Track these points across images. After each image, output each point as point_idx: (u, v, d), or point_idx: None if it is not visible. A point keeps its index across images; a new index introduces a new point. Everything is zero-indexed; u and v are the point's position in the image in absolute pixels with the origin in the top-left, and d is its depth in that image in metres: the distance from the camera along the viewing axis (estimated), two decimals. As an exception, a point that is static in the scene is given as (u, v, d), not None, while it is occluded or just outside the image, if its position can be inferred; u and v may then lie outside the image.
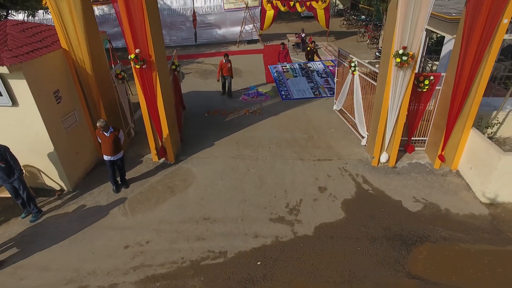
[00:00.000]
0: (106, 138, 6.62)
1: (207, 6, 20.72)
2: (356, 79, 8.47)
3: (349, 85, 8.96)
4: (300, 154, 8.34)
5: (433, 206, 6.51)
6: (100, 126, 6.52)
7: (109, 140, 6.63)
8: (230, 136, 9.26)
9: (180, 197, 7.02)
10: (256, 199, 6.88)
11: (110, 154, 6.76)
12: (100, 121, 6.52)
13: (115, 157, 6.87)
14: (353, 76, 8.59)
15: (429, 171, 7.47)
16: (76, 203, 6.90)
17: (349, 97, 9.30)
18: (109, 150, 6.72)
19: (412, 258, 5.50)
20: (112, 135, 6.64)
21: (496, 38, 5.88)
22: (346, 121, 9.68)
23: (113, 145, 6.68)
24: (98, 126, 6.52)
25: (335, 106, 10.33)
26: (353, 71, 8.45)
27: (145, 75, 6.87)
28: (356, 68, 8.37)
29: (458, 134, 6.96)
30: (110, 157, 6.81)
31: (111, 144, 6.65)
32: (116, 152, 6.81)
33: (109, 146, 6.66)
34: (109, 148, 6.68)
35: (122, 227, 6.28)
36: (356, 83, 8.46)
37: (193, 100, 11.86)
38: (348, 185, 7.17)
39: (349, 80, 8.88)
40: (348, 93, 9.23)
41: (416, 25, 5.85)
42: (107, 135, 6.61)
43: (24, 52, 6.02)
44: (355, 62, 8.39)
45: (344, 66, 9.34)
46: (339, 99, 9.95)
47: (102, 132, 6.61)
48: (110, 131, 6.63)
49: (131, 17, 6.20)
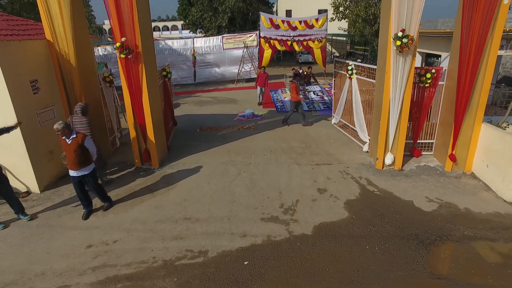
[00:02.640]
0: (67, 146, 5.14)
1: (207, 46, 21.42)
2: (354, 83, 8.11)
3: (347, 91, 8.57)
4: (297, 159, 7.63)
5: (449, 206, 5.64)
6: (57, 130, 5.01)
7: (70, 149, 5.14)
8: (221, 146, 8.63)
9: (160, 198, 6.18)
10: (246, 200, 6.03)
11: (73, 168, 5.24)
12: (58, 123, 5.05)
13: (79, 173, 5.30)
14: (350, 80, 8.25)
15: (440, 173, 6.70)
16: (42, 205, 6.02)
17: (347, 105, 8.86)
18: (70, 162, 5.21)
19: (433, 258, 4.54)
20: (74, 142, 5.13)
21: (498, 20, 5.58)
22: (345, 133, 9.11)
23: (75, 156, 5.15)
24: (55, 129, 5.02)
25: (334, 120, 9.86)
26: (351, 75, 8.13)
27: (130, 67, 6.48)
28: (353, 71, 8.06)
29: (468, 130, 6.35)
30: (74, 172, 5.28)
31: (72, 154, 5.15)
32: (80, 165, 5.24)
33: (70, 156, 5.17)
34: (70, 159, 5.18)
35: (88, 227, 5.36)
36: (355, 87, 8.08)
37: (186, 120, 11.45)
38: (351, 187, 6.36)
39: (347, 86, 8.53)
40: (346, 101, 8.82)
41: (413, 6, 5.60)
42: (68, 141, 5.13)
43: (1, 34, 5.70)
44: (352, 65, 8.11)
45: (341, 75, 9.06)
46: (337, 111, 9.51)
47: (64, 138, 5.12)
48: (72, 136, 5.15)
49: (118, 3, 6.01)
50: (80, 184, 5.45)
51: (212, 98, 16.27)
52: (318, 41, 20.02)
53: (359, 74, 8.02)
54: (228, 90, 18.47)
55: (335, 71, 9.58)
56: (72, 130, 5.26)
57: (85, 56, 7.00)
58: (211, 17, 26.63)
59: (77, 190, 5.49)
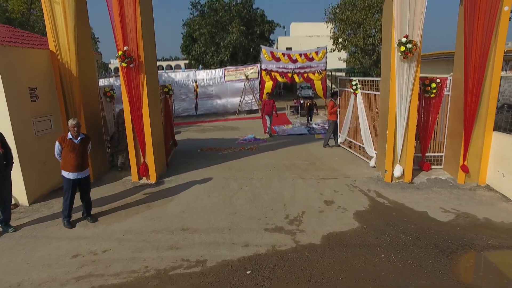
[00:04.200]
0: (75, 146, 5.06)
1: (209, 78, 21.83)
2: (359, 98, 8.04)
3: (352, 108, 8.47)
4: (301, 175, 7.31)
5: (467, 216, 5.23)
6: (75, 125, 5.01)
7: (78, 149, 5.07)
8: (222, 164, 8.35)
9: (156, 210, 5.78)
10: (249, 212, 5.63)
11: (76, 170, 5.07)
12: (74, 119, 5.15)
13: (82, 174, 5.19)
14: (355, 96, 8.19)
15: (453, 186, 6.34)
16: (29, 217, 5.61)
17: (353, 123, 8.71)
18: (75, 164, 5.04)
19: (458, 267, 4.09)
20: (84, 141, 5.18)
21: (500, 26, 5.60)
22: (352, 151, 8.86)
23: (82, 156, 5.12)
24: (70, 124, 5.01)
25: (340, 139, 9.64)
26: (355, 90, 8.09)
27: (132, 76, 6.42)
28: (357, 86, 8.03)
29: (479, 139, 6.12)
30: (75, 174, 5.10)
31: (79, 154, 5.09)
32: (84, 167, 5.20)
33: (76, 157, 5.05)
34: (76, 160, 5.04)
35: (77, 237, 4.92)
36: (360, 102, 8.00)
37: (186, 143, 11.29)
38: (360, 199, 5.98)
39: (352, 102, 8.45)
40: (352, 118, 8.68)
41: (415, 12, 5.64)
42: (77, 142, 5.07)
43: (4, 40, 5.70)
44: (356, 81, 8.08)
45: (346, 94, 9.02)
46: (343, 130, 9.36)
47: (71, 138, 5.03)
48: (80, 137, 5.13)
49: (123, 12, 6.08)
50: (75, 188, 5.23)
51: (214, 126, 16.26)
52: (318, 73, 20.33)
53: (363, 88, 7.97)
54: (230, 120, 18.48)
55: (340, 90, 9.57)
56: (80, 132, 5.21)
57: (87, 68, 6.97)
58: (213, 52, 27.57)
59: (71, 195, 5.20)
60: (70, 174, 5.11)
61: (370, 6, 18.02)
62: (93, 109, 7.27)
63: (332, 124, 9.60)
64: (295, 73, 20.45)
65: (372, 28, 18.06)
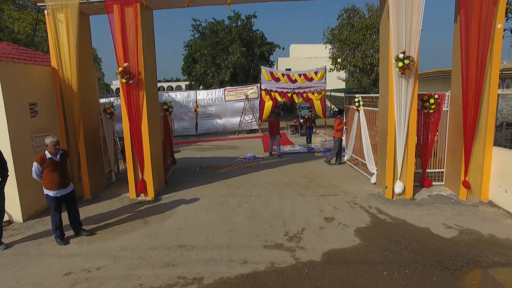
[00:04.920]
0: (57, 164, 4.92)
1: (209, 98, 22.02)
2: (361, 115, 8.10)
3: (356, 124, 8.51)
4: (301, 192, 7.22)
5: (471, 232, 5.11)
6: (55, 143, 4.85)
7: (60, 166, 4.97)
8: (221, 181, 8.26)
9: (153, 227, 5.66)
10: (247, 228, 5.51)
11: (61, 187, 4.98)
12: (53, 136, 4.89)
13: (67, 190, 5.11)
14: (358, 112, 8.26)
15: (455, 202, 6.24)
16: (22, 234, 5.50)
17: (357, 139, 8.71)
18: (59, 181, 4.94)
19: (464, 284, 3.94)
20: (62, 159, 5.03)
21: (495, 43, 5.70)
22: (357, 168, 8.82)
23: (64, 173, 5.05)
24: (52, 142, 4.83)
25: (346, 156, 9.62)
26: (358, 107, 8.18)
27: (131, 92, 6.47)
28: (360, 103, 8.11)
29: (479, 154, 6.07)
30: (62, 191, 5.02)
31: (62, 171, 5.00)
32: (68, 182, 5.13)
33: (60, 174, 4.95)
34: (60, 177, 4.94)
35: (71, 255, 4.79)
36: (362, 118, 8.05)
37: (186, 162, 11.24)
38: (361, 216, 5.86)
39: (356, 119, 8.51)
40: (356, 135, 8.70)
41: (411, 29, 5.75)
42: (57, 159, 4.94)
43: (8, 57, 5.79)
44: (359, 98, 8.17)
45: (352, 111, 9.10)
46: (349, 147, 9.36)
47: (50, 157, 4.86)
48: (60, 153, 5.00)
49: (124, 29, 6.21)
50: (61, 205, 5.11)
51: (213, 145, 16.23)
52: (317, 93, 20.53)
53: (366, 105, 8.03)
54: (230, 139, 18.48)
55: (346, 107, 9.65)
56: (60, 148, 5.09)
57: (87, 84, 7.05)
58: (214, 73, 27.98)
59: (60, 213, 5.08)
60: (57, 192, 5.01)
61: (368, 27, 18.46)
62: (93, 125, 7.29)
63: (338, 141, 9.56)
64: (294, 93, 20.64)
65: (370, 48, 18.43)
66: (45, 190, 4.98)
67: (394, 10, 5.75)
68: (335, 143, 9.64)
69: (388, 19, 5.89)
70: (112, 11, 6.13)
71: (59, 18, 6.33)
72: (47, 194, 5.00)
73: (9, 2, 17.85)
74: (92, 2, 6.32)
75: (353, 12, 20.12)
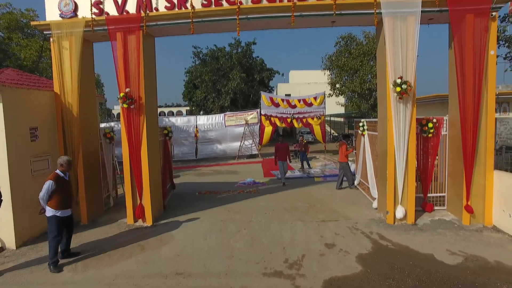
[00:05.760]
0: (68, 183, 5.19)
1: (209, 123, 22.17)
2: (366, 139, 8.17)
3: (363, 148, 8.55)
4: (301, 217, 7.10)
5: (477, 259, 4.97)
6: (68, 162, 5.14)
7: (68, 186, 5.21)
8: (220, 206, 8.15)
9: (150, 253, 5.52)
10: (247, 255, 5.37)
11: (67, 207, 5.12)
12: (66, 156, 5.27)
13: (70, 211, 5.25)
14: (363, 137, 8.34)
15: (458, 227, 6.12)
16: (14, 261, 5.34)
17: (364, 164, 8.71)
18: (70, 200, 5.18)
19: (470, 314, 3.78)
20: (69, 178, 5.31)
21: (489, 69, 5.83)
22: (364, 192, 8.79)
23: (70, 193, 5.29)
24: (66, 161, 5.12)
25: (356, 181, 9.58)
26: (363, 132, 8.28)
27: (132, 117, 6.53)
28: (364, 128, 8.19)
29: (480, 178, 6.04)
30: (67, 211, 5.14)
31: (69, 191, 5.23)
32: (72, 202, 5.36)
33: (68, 194, 5.14)
34: (68, 196, 5.14)
35: (64, 283, 4.65)
36: (367, 143, 8.10)
37: (185, 187, 11.13)
38: (362, 242, 5.73)
39: (362, 144, 8.57)
40: (362, 159, 8.70)
41: (407, 55, 5.90)
42: (67, 178, 5.20)
43: (11, 82, 5.90)
44: (364, 122, 8.27)
45: (358, 135, 9.18)
46: (358, 171, 9.36)
47: (63, 175, 5.08)
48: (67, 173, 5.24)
49: (126, 56, 6.37)
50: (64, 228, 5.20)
51: (213, 170, 16.15)
52: (317, 118, 20.65)
53: (370, 129, 8.10)
54: (229, 164, 18.42)
55: (355, 131, 9.74)
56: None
57: (88, 109, 7.14)
58: (214, 98, 28.36)
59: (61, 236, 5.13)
60: (63, 212, 5.07)
61: (365, 53, 18.92)
62: (92, 150, 7.31)
63: (344, 166, 9.53)
64: (294, 118, 20.78)
65: (368, 74, 18.78)
66: (51, 211, 4.96)
67: (390, 37, 5.93)
68: (342, 168, 9.60)
69: (384, 46, 6.05)
70: (115, 38, 6.32)
71: (64, 45, 6.51)
72: (53, 216, 4.96)
73: (18, 30, 18.44)
74: (96, 30, 6.53)
75: (350, 40, 20.70)
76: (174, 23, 6.52)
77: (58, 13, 6.63)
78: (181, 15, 6.40)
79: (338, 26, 6.88)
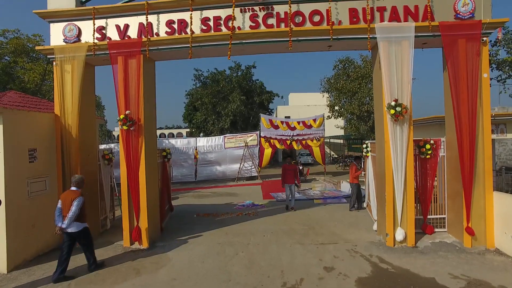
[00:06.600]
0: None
1: (209, 145, 22.21)
2: (369, 160, 8.21)
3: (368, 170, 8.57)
4: (300, 240, 6.99)
5: (480, 283, 4.85)
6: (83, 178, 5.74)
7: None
8: (218, 229, 8.04)
9: (146, 277, 5.39)
10: (244, 279, 5.25)
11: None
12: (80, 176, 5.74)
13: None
14: (367, 158, 8.39)
15: (460, 250, 6.01)
16: (3, 287, 5.21)
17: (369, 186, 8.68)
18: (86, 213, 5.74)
19: None
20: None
21: (483, 91, 5.94)
22: (370, 213, 8.70)
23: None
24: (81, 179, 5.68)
25: (365, 203, 9.51)
26: (366, 153, 8.33)
27: (131, 139, 6.57)
28: (368, 149, 8.25)
29: (480, 199, 6.00)
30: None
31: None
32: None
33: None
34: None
35: (54, 308, 4.51)
36: (369, 164, 8.13)
37: (183, 209, 11.02)
38: (362, 265, 5.61)
39: (368, 165, 8.59)
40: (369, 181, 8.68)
41: (402, 79, 6.02)
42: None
43: (13, 104, 5.99)
44: (367, 144, 8.34)
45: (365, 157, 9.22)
46: (366, 193, 9.34)
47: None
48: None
49: (127, 80, 6.50)
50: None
51: (212, 192, 16.03)
52: (316, 139, 20.73)
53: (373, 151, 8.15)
54: (229, 186, 18.31)
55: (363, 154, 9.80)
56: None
57: (88, 130, 7.21)
58: (214, 120, 28.60)
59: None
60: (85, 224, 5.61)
61: (363, 76, 19.24)
62: (90, 171, 7.31)
63: (355, 187, 9.50)
64: (293, 140, 20.88)
65: (366, 96, 19.01)
66: (81, 225, 5.48)
67: (385, 61, 6.08)
68: (352, 188, 9.62)
69: (380, 69, 6.18)
70: (116, 62, 6.48)
71: (66, 68, 6.67)
72: (86, 227, 5.59)
73: (24, 55, 18.91)
74: (98, 54, 6.71)
75: (348, 63, 21.12)
76: (174, 47, 6.71)
77: (62, 38, 6.84)
78: (180, 40, 6.60)
79: (334, 50, 7.06)
